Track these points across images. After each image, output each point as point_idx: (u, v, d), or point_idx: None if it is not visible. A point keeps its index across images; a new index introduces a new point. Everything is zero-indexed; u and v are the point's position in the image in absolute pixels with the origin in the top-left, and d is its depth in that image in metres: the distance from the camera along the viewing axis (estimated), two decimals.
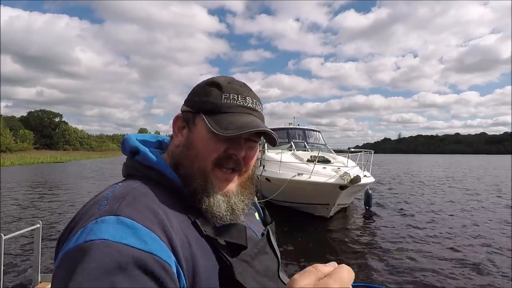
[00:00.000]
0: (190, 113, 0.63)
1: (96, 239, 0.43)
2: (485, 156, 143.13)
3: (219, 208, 0.59)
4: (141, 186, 0.55)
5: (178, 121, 0.65)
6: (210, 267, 0.53)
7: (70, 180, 17.90)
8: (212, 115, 0.60)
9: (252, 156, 0.64)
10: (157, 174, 0.59)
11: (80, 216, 0.50)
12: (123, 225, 0.45)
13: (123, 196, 0.51)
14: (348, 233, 6.60)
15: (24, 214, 8.21)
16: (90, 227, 0.45)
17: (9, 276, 4.14)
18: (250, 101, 0.64)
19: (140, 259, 0.43)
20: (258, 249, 0.62)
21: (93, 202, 0.53)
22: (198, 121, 0.61)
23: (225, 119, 0.59)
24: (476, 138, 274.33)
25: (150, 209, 0.50)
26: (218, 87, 0.62)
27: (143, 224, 0.46)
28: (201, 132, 0.60)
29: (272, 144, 0.67)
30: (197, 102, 0.63)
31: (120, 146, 0.69)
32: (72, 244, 0.44)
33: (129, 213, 0.47)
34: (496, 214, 8.38)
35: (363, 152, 8.51)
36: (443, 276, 4.28)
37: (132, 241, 0.44)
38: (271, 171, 7.83)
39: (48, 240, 5.63)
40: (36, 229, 2.70)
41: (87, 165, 35.20)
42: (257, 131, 0.59)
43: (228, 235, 0.57)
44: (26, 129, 66.07)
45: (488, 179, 19.32)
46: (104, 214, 0.47)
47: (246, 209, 0.64)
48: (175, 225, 0.51)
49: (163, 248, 0.46)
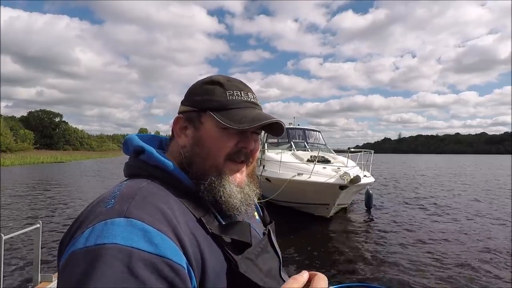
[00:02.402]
0: (193, 112, 0.63)
1: (108, 243, 0.43)
2: (485, 156, 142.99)
3: (236, 199, 0.60)
4: (148, 185, 0.55)
5: (179, 122, 0.65)
6: (218, 265, 0.53)
7: (71, 180, 17.89)
8: (220, 111, 0.61)
9: (257, 148, 0.66)
10: (163, 173, 0.59)
11: (86, 214, 0.50)
12: (134, 228, 0.45)
13: (131, 196, 0.51)
14: (348, 233, 6.59)
15: (24, 214, 8.20)
16: (100, 228, 0.45)
17: (9, 276, 4.13)
18: (252, 96, 0.66)
19: (152, 263, 0.43)
20: (260, 247, 0.62)
21: (99, 200, 0.52)
22: (206, 119, 0.62)
23: (235, 114, 0.60)
24: (476, 138, 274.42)
25: (159, 209, 0.50)
26: (220, 85, 0.63)
27: (153, 226, 0.46)
28: (211, 130, 0.61)
29: (278, 134, 0.68)
30: (201, 101, 0.63)
31: (121, 146, 0.69)
32: (81, 244, 0.44)
33: (139, 215, 0.47)
34: (498, 214, 8.37)
35: (363, 152, 8.51)
36: (443, 276, 4.28)
37: (143, 245, 0.44)
38: (271, 171, 7.82)
39: (48, 240, 5.62)
40: (36, 229, 2.70)
41: (87, 165, 35.18)
42: (271, 121, 0.61)
43: (233, 232, 0.57)
44: (26, 129, 66.03)
45: (489, 179, 19.31)
46: (113, 215, 0.47)
47: (256, 199, 0.67)
48: (183, 224, 0.51)
49: (174, 250, 0.46)
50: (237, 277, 0.53)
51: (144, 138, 0.69)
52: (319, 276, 0.50)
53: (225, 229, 0.57)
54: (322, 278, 0.50)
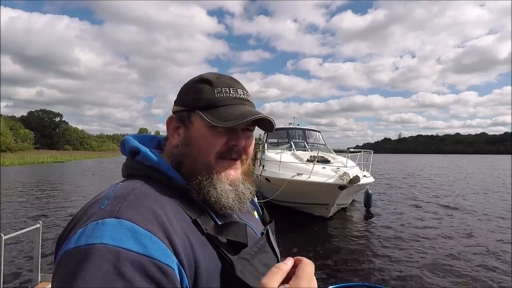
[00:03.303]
0: (184, 111, 0.64)
1: (97, 243, 0.43)
2: (485, 156, 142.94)
3: (228, 198, 0.60)
4: (142, 186, 0.55)
5: (172, 122, 0.65)
6: (212, 266, 0.53)
7: (70, 180, 17.89)
8: (209, 110, 0.61)
9: (250, 144, 0.66)
10: (158, 173, 0.59)
11: (81, 215, 0.50)
12: (124, 228, 0.45)
13: (124, 196, 0.51)
14: (347, 233, 6.60)
15: (24, 214, 8.22)
16: (91, 228, 0.45)
17: (9, 276, 4.14)
18: (242, 92, 0.65)
19: (139, 264, 0.43)
20: (257, 247, 0.62)
21: (93, 201, 0.53)
22: (195, 119, 0.62)
23: (223, 111, 0.60)
24: (476, 138, 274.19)
25: (151, 210, 0.50)
26: (208, 83, 0.63)
27: (143, 227, 0.46)
28: (200, 129, 0.61)
29: (269, 130, 0.68)
30: (190, 100, 0.63)
31: (120, 146, 0.69)
32: (72, 244, 0.45)
33: (130, 215, 0.47)
34: (498, 214, 8.38)
35: (363, 152, 8.52)
36: (443, 275, 4.29)
37: (131, 245, 0.44)
38: (271, 171, 7.83)
39: (48, 240, 5.64)
40: (36, 229, 2.70)
41: (87, 165, 35.18)
42: (258, 117, 0.61)
43: (229, 233, 0.57)
44: (26, 129, 65.99)
45: (489, 179, 19.31)
46: (105, 215, 0.47)
47: (251, 197, 0.66)
48: (175, 225, 0.51)
49: (164, 250, 0.46)
50: (232, 278, 0.53)
51: (144, 138, 0.69)
52: (304, 262, 0.49)
53: (221, 229, 0.57)
54: (308, 263, 0.49)
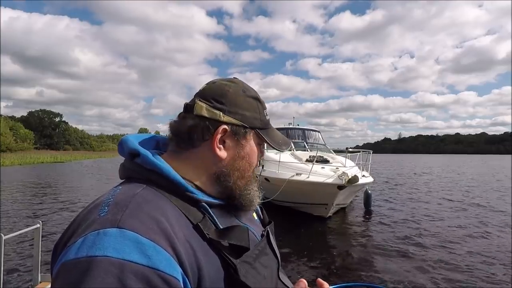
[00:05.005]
0: (241, 127, 0.64)
1: (99, 255, 0.42)
2: (485, 156, 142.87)
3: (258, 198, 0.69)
4: (143, 191, 0.54)
5: (225, 134, 0.63)
6: (214, 271, 0.53)
7: (70, 180, 17.89)
8: (262, 130, 0.68)
9: None
10: (159, 177, 0.58)
11: (79, 221, 0.49)
12: (126, 239, 0.44)
13: (125, 203, 0.50)
14: (347, 233, 6.62)
15: (24, 214, 8.22)
16: (92, 239, 0.44)
17: (9, 276, 4.15)
18: None
19: (144, 276, 0.42)
20: (259, 250, 0.63)
21: (92, 206, 0.52)
22: (251, 137, 0.67)
23: (272, 134, 0.70)
24: (476, 138, 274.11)
25: (154, 218, 0.49)
26: (259, 102, 0.69)
27: (147, 237, 0.45)
28: (253, 146, 0.67)
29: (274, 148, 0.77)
30: (250, 118, 0.65)
31: (118, 146, 0.68)
32: (72, 255, 0.43)
33: (132, 224, 0.46)
34: (498, 215, 8.38)
35: (362, 152, 8.54)
36: (443, 275, 4.29)
37: (135, 256, 0.43)
38: (270, 171, 7.83)
39: (48, 240, 5.64)
40: (36, 229, 2.71)
41: (87, 165, 35.17)
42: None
43: (231, 237, 0.57)
44: (26, 129, 65.99)
45: (489, 179, 19.32)
46: (106, 224, 0.46)
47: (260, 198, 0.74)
48: (178, 232, 0.50)
49: (168, 261, 0.45)
50: (235, 282, 0.54)
51: (143, 138, 0.68)
52: None
53: (223, 233, 0.57)
54: None
